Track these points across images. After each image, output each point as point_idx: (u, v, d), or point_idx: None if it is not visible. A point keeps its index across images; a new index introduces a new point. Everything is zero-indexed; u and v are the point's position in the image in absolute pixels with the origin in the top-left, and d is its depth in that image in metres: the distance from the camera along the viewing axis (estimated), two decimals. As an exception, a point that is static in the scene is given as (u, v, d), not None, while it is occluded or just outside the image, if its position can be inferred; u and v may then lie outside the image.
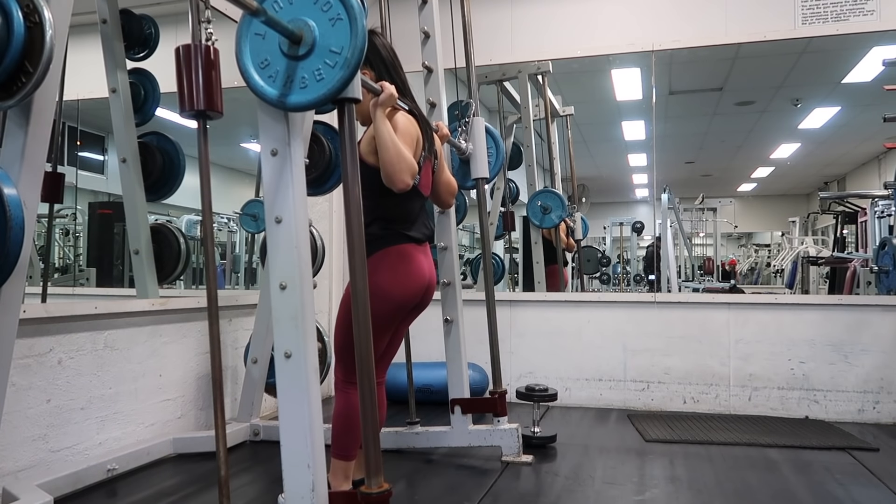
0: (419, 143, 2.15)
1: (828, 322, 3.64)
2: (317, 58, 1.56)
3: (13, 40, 1.52)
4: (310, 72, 1.56)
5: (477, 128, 2.90)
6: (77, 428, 2.46)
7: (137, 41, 3.12)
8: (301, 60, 1.57)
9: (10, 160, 1.64)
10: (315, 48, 1.56)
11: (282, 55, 1.59)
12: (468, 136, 2.88)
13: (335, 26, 1.54)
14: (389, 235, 2.14)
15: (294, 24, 1.56)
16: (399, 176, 1.93)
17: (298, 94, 1.57)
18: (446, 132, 2.51)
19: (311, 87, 1.56)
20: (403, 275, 2.14)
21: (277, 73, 1.59)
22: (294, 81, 1.57)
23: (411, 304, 2.21)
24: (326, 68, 1.54)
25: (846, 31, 3.67)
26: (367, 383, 1.62)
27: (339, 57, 1.53)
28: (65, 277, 3.90)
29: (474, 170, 2.91)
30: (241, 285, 5.17)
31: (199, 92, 1.59)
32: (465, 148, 2.87)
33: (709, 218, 8.55)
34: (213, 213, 1.70)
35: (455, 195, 2.51)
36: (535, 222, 4.45)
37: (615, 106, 5.95)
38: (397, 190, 1.96)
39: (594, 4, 4.07)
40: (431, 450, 2.88)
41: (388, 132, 1.96)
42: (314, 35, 1.56)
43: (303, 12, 1.57)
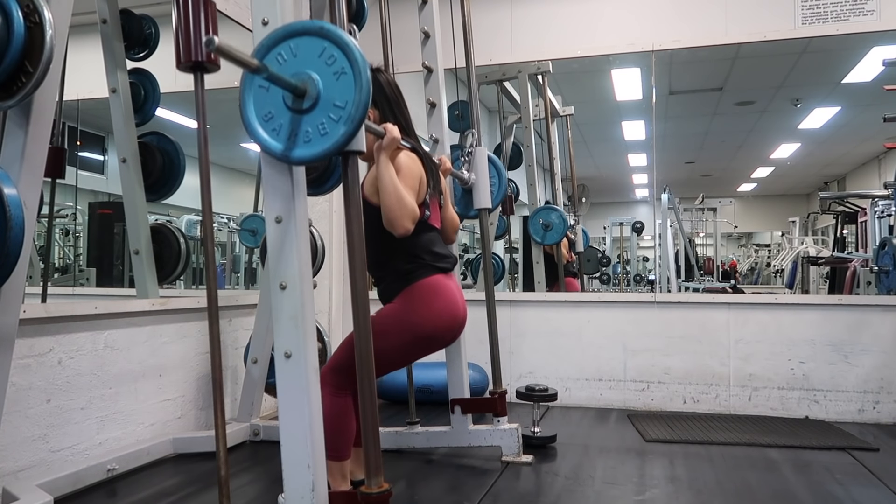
0: (423, 181, 2.15)
1: (828, 322, 3.64)
2: (321, 112, 1.54)
3: (13, 40, 1.52)
4: (314, 126, 1.54)
5: (479, 158, 2.90)
6: (77, 428, 2.46)
7: (137, 41, 3.12)
8: (305, 114, 1.55)
9: (10, 160, 1.64)
10: (319, 102, 1.54)
11: (286, 108, 1.57)
12: (471, 165, 2.88)
13: (339, 80, 1.52)
14: (418, 268, 2.13)
15: (298, 77, 1.54)
16: (400, 222, 1.95)
17: (302, 149, 1.55)
18: (449, 166, 2.52)
19: (315, 142, 1.54)
20: (439, 309, 2.12)
21: (281, 127, 1.57)
22: (298, 135, 1.55)
23: (448, 339, 2.22)
24: (330, 123, 1.52)
25: (846, 31, 3.67)
26: (367, 383, 1.62)
27: (343, 111, 1.51)
28: (65, 277, 3.90)
29: (477, 200, 2.91)
30: (241, 285, 5.17)
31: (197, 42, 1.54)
32: (467, 178, 2.87)
33: (709, 218, 8.55)
34: (213, 213, 1.70)
35: (458, 231, 2.52)
36: (536, 240, 4.44)
37: (615, 106, 5.95)
38: (398, 235, 1.97)
39: (594, 4, 4.07)
40: (431, 450, 2.88)
41: (390, 177, 1.96)
42: (318, 89, 1.53)
43: (307, 65, 1.55)
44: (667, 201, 6.66)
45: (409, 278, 2.11)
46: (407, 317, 2.09)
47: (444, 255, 2.21)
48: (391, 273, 2.15)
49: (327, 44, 1.54)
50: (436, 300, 2.12)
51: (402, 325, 2.09)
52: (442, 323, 2.14)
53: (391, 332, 2.07)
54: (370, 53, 3.26)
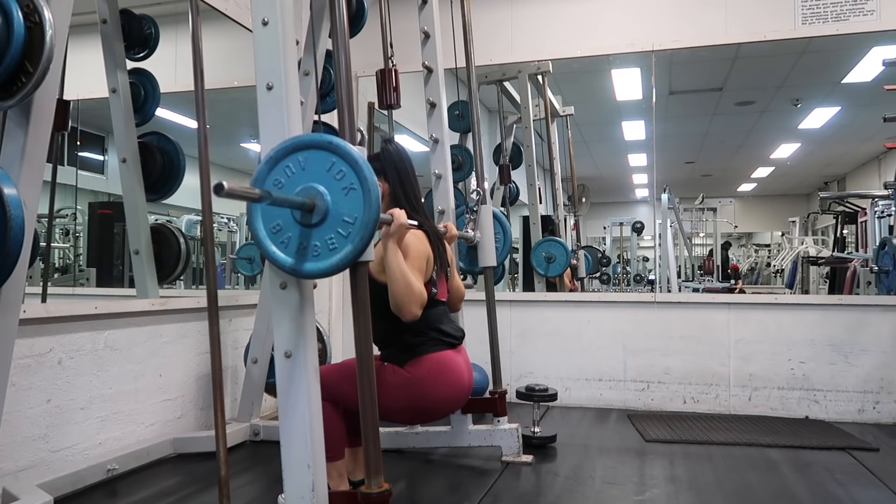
0: (430, 261, 2.17)
1: (828, 322, 3.64)
2: (329, 227, 1.53)
3: (13, 40, 1.52)
4: (322, 240, 1.53)
5: (485, 217, 2.89)
6: (77, 428, 2.46)
7: (137, 41, 3.12)
8: (314, 228, 1.54)
9: (10, 160, 1.64)
10: (328, 217, 1.53)
11: (294, 222, 1.56)
12: (476, 224, 2.89)
13: (348, 195, 1.51)
14: (426, 342, 2.15)
15: (306, 192, 1.53)
16: (407, 308, 1.98)
17: (312, 263, 1.54)
18: (455, 233, 2.53)
19: (324, 257, 1.53)
20: (445, 385, 2.16)
21: (290, 240, 1.56)
22: (307, 249, 1.55)
23: (450, 411, 2.28)
24: (339, 238, 1.52)
25: (846, 31, 3.67)
26: (367, 383, 1.62)
27: (352, 227, 1.51)
28: (65, 277, 3.90)
29: (482, 258, 2.91)
30: (241, 285, 5.17)
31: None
32: (473, 237, 2.87)
33: (709, 218, 8.55)
34: (213, 213, 1.70)
35: (463, 299, 2.54)
36: (539, 272, 4.43)
37: (615, 106, 5.95)
38: (406, 320, 2.00)
39: (594, 4, 4.07)
40: (431, 450, 2.88)
41: (398, 264, 1.98)
42: (327, 204, 1.52)
43: (316, 179, 1.54)
44: (667, 201, 6.66)
45: (418, 351, 2.14)
46: (413, 387, 2.12)
47: (451, 332, 2.24)
48: (399, 344, 2.17)
49: (336, 158, 1.53)
50: (443, 376, 2.15)
51: (406, 392, 2.12)
52: (446, 398, 2.19)
53: (394, 394, 2.10)
54: (370, 53, 3.27)
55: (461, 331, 2.34)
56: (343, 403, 2.13)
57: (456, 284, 2.44)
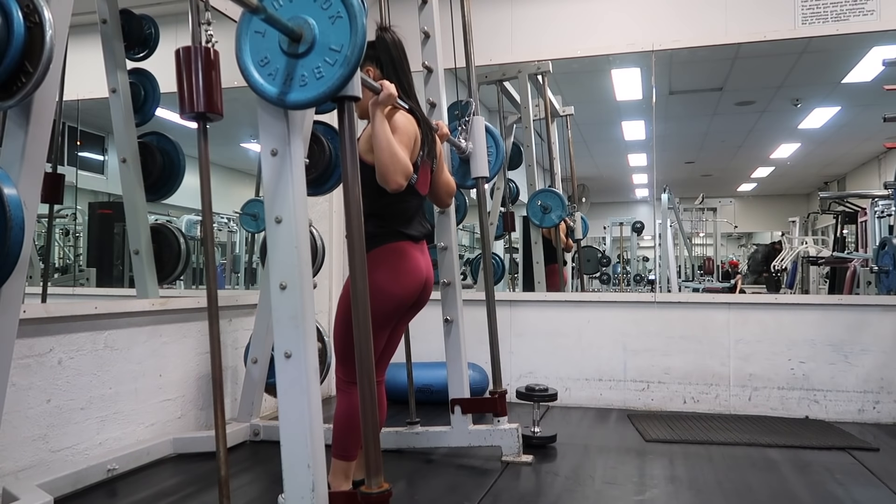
0: (417, 142, 2.15)
1: (828, 322, 3.64)
2: (316, 56, 1.55)
3: (13, 40, 1.52)
4: (309, 70, 1.56)
5: (477, 127, 2.90)
6: (77, 428, 2.46)
7: (137, 41, 3.12)
8: (301, 58, 1.57)
9: (10, 160, 1.64)
10: (315, 46, 1.55)
11: (282, 53, 1.59)
12: (468, 135, 2.87)
13: (335, 24, 1.54)
14: (385, 233, 2.13)
15: (294, 21, 1.56)
16: (392, 177, 1.94)
17: (298, 92, 1.57)
18: (446, 131, 2.51)
19: (311, 85, 1.56)
20: (400, 272, 2.13)
21: (277, 72, 1.59)
22: (294, 79, 1.57)
23: (409, 301, 2.20)
24: (326, 66, 1.54)
25: (846, 31, 3.67)
26: (367, 383, 1.62)
27: (338, 55, 1.53)
28: (65, 277, 3.90)
29: (474, 169, 2.91)
30: (241, 285, 5.17)
31: (199, 94, 1.60)
32: (464, 147, 2.87)
33: (709, 218, 8.55)
34: (213, 213, 1.70)
35: (453, 195, 2.51)
36: (535, 222, 4.44)
37: (615, 106, 5.95)
38: (390, 190, 1.96)
39: (594, 4, 4.07)
40: (431, 450, 2.88)
41: (384, 132, 1.96)
42: (314, 33, 1.55)
43: (303, 10, 1.57)
44: (667, 201, 6.66)
45: (375, 242, 2.10)
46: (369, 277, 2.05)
47: (415, 224, 2.21)
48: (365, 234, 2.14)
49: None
50: (397, 263, 2.12)
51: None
52: (402, 286, 2.13)
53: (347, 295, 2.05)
54: (370, 53, 3.22)
55: (428, 228, 2.29)
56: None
57: (445, 178, 2.40)
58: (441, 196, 2.41)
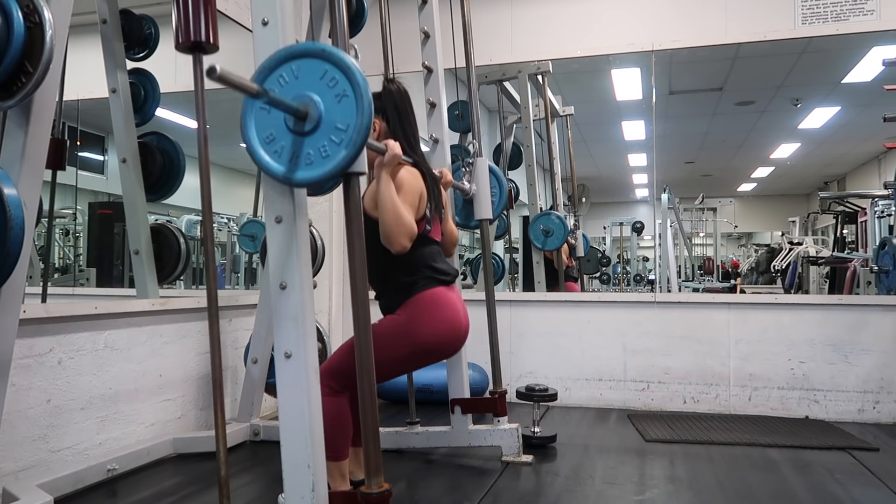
0: (423, 198, 2.15)
1: (828, 322, 3.64)
2: (322, 134, 1.53)
3: (13, 40, 1.52)
4: (315, 148, 1.54)
5: (480, 169, 2.89)
6: (77, 428, 2.46)
7: (137, 41, 3.12)
8: (307, 136, 1.55)
9: (10, 160, 1.64)
10: (321, 124, 1.53)
11: (287, 131, 1.57)
12: (472, 177, 2.88)
13: (341, 103, 1.52)
14: (419, 279, 2.13)
15: (299, 100, 1.54)
16: (397, 239, 1.96)
17: (304, 171, 1.55)
18: (450, 178, 2.51)
19: (317, 164, 1.53)
20: (441, 320, 2.12)
21: (283, 149, 1.57)
22: (300, 158, 1.55)
23: (450, 351, 2.22)
24: (332, 145, 1.52)
25: (846, 31, 3.67)
26: (367, 383, 1.62)
27: (344, 134, 1.51)
28: (65, 277, 3.90)
29: (478, 211, 2.91)
30: (241, 285, 5.17)
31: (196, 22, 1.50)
32: (468, 189, 2.87)
33: (709, 218, 8.56)
34: (213, 213, 1.70)
35: (457, 245, 2.52)
36: (537, 246, 4.43)
37: (615, 106, 5.95)
38: (395, 252, 1.98)
39: (594, 4, 4.07)
40: (431, 450, 2.88)
41: (389, 195, 1.96)
42: (320, 111, 1.53)
43: (309, 87, 1.54)
44: (667, 201, 6.67)
45: (412, 290, 2.11)
46: (408, 328, 2.09)
47: (444, 269, 2.21)
48: (392, 286, 2.15)
49: (329, 66, 1.53)
50: (437, 311, 2.12)
51: (402, 336, 2.09)
52: (443, 334, 2.14)
53: (392, 343, 2.08)
54: (370, 53, 3.26)
55: (455, 269, 2.30)
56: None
57: (450, 229, 2.41)
58: (446, 246, 2.42)
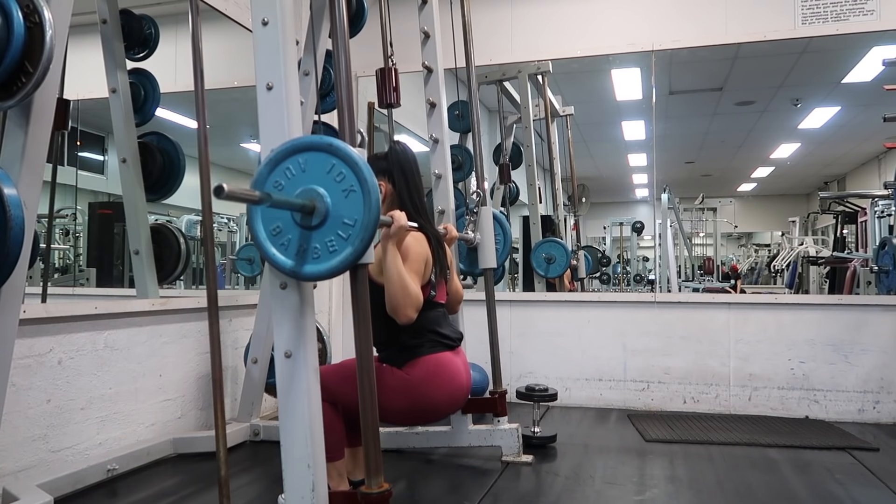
0: (429, 264, 2.17)
1: (828, 322, 3.64)
2: (329, 229, 1.53)
3: (13, 40, 1.52)
4: (322, 242, 1.53)
5: (485, 218, 2.89)
6: (77, 428, 2.46)
7: (137, 41, 3.12)
8: (314, 231, 1.54)
9: (10, 160, 1.64)
10: (328, 219, 1.52)
11: (294, 224, 1.56)
12: (476, 226, 2.88)
13: (348, 198, 1.51)
14: (423, 343, 2.15)
15: (306, 194, 1.53)
16: (403, 311, 1.98)
17: (312, 265, 1.54)
18: (455, 235, 2.53)
19: (324, 258, 1.53)
20: (443, 385, 2.16)
21: (290, 242, 1.56)
22: (307, 252, 1.54)
23: (447, 413, 2.28)
24: (339, 240, 1.52)
25: (846, 31, 3.67)
26: (367, 383, 1.62)
27: (352, 229, 1.50)
28: (65, 277, 3.90)
29: (482, 260, 2.91)
30: (241, 285, 5.17)
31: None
32: (473, 239, 2.87)
33: (709, 218, 8.56)
34: (213, 213, 1.70)
35: (461, 301, 2.54)
36: (539, 273, 4.44)
37: (615, 106, 5.95)
38: (401, 323, 2.00)
39: (594, 4, 4.07)
40: (431, 450, 2.88)
41: (396, 267, 1.98)
42: (327, 205, 1.52)
43: (315, 181, 1.54)
44: (667, 201, 6.67)
45: (417, 353, 2.14)
46: (411, 386, 2.12)
47: (449, 334, 2.25)
48: (397, 345, 2.17)
49: (336, 160, 1.52)
50: (441, 378, 2.15)
51: (403, 392, 2.12)
52: (443, 400, 2.18)
53: (391, 394, 2.10)
54: (370, 53, 3.27)
55: (459, 333, 2.34)
56: (342, 404, 2.13)
57: (455, 287, 2.44)
58: (452, 304, 2.44)
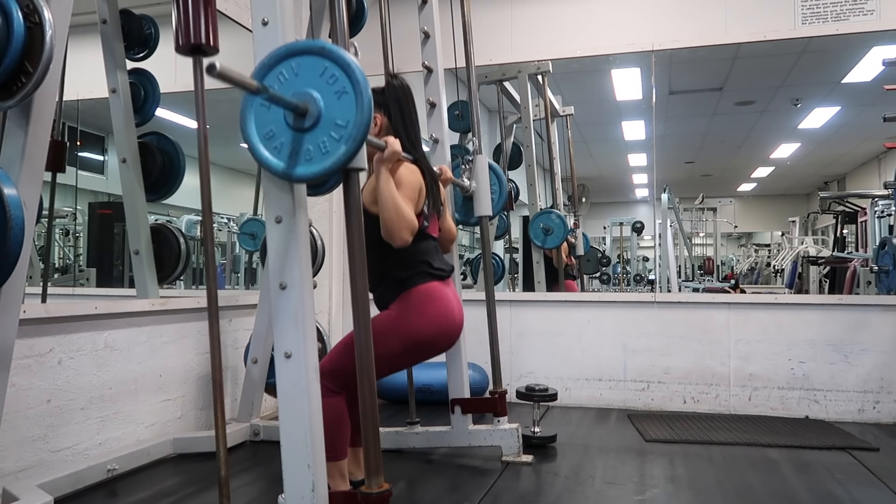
0: (422, 194, 2.16)
1: (828, 322, 3.64)
2: (322, 131, 1.54)
3: (13, 40, 1.52)
4: (315, 144, 1.54)
5: (480, 166, 2.90)
6: (77, 428, 2.46)
7: (137, 41, 3.12)
8: (306, 133, 1.55)
9: (10, 160, 1.64)
10: (320, 121, 1.54)
11: (287, 127, 1.57)
12: (471, 174, 2.88)
13: (341, 99, 1.52)
14: (414, 275, 2.14)
15: (299, 96, 1.54)
16: (398, 233, 1.97)
17: (304, 167, 1.55)
18: (449, 175, 2.52)
19: (317, 160, 1.54)
20: (434, 314, 2.13)
21: (283, 145, 1.58)
22: (299, 154, 1.56)
23: (444, 345, 2.23)
24: (332, 141, 1.53)
25: (846, 30, 3.67)
26: (367, 383, 1.62)
27: (344, 130, 1.51)
28: (65, 277, 3.90)
29: (477, 208, 2.91)
30: (241, 285, 5.17)
31: (196, 24, 1.49)
32: (468, 186, 2.88)
33: (709, 218, 8.56)
34: (213, 213, 1.69)
35: (454, 242, 2.53)
36: (537, 244, 4.44)
37: (615, 106, 5.95)
38: (396, 246, 1.99)
39: (594, 4, 4.07)
40: (431, 450, 2.88)
41: (389, 190, 1.97)
42: (319, 108, 1.54)
43: (308, 84, 1.55)
44: (667, 201, 6.66)
45: (406, 285, 2.13)
46: (402, 322, 2.10)
47: (440, 265, 2.23)
48: (388, 280, 2.17)
49: (328, 63, 1.54)
50: (431, 306, 2.13)
51: (396, 331, 2.10)
52: (437, 328, 2.15)
53: (386, 338, 2.08)
54: (370, 53, 3.26)
55: (450, 265, 2.32)
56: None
57: (448, 226, 2.42)
58: (444, 243, 2.43)
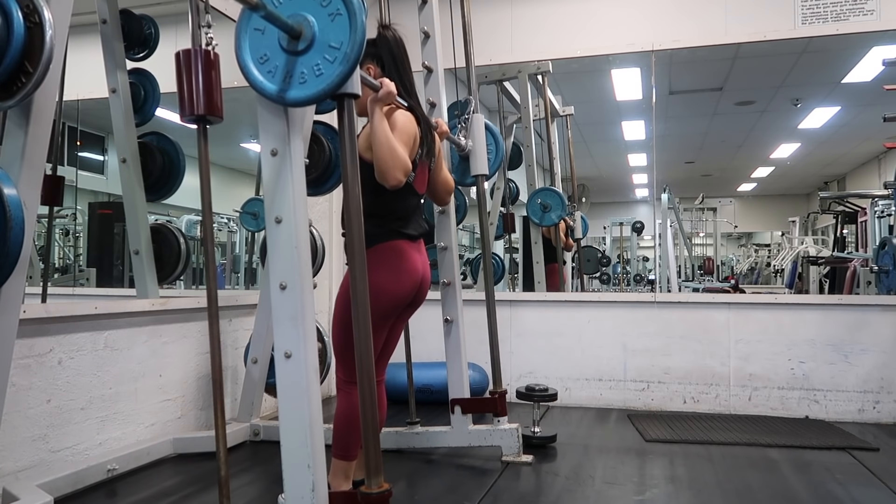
0: (416, 141, 2.15)
1: (828, 322, 3.64)
2: (316, 53, 1.55)
3: (13, 40, 1.52)
4: (309, 67, 1.56)
5: (476, 125, 2.90)
6: (77, 428, 2.46)
7: (137, 41, 3.12)
8: (300, 56, 1.57)
9: (10, 160, 1.64)
10: (314, 43, 1.55)
11: (281, 50, 1.59)
12: (468, 132, 2.88)
13: (334, 21, 1.54)
14: (383, 232, 2.13)
15: (293, 19, 1.56)
16: (392, 173, 1.94)
17: (298, 90, 1.57)
18: (445, 129, 2.51)
19: (311, 83, 1.56)
20: (397, 271, 2.13)
21: (276, 69, 1.59)
22: (293, 77, 1.57)
23: (406, 300, 2.20)
24: (326, 63, 1.54)
25: (846, 30, 3.67)
26: (367, 383, 1.62)
27: (338, 52, 1.53)
28: (65, 277, 3.90)
29: (474, 167, 2.91)
30: (241, 285, 5.17)
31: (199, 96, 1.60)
32: (464, 145, 2.87)
33: (709, 218, 8.56)
34: (213, 213, 1.70)
35: (452, 193, 2.51)
36: (534, 220, 4.44)
37: (615, 106, 5.95)
38: (389, 187, 1.96)
39: (594, 4, 4.07)
40: (431, 450, 2.88)
41: (383, 130, 1.96)
42: (313, 30, 1.55)
43: (302, 7, 1.57)
44: (667, 201, 6.66)
45: (373, 241, 2.08)
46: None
47: (413, 223, 2.21)
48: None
49: None
50: (394, 262, 2.12)
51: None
52: (399, 284, 2.13)
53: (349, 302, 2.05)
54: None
55: (426, 227, 2.29)
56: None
57: (444, 177, 2.40)
58: (440, 194, 2.42)
